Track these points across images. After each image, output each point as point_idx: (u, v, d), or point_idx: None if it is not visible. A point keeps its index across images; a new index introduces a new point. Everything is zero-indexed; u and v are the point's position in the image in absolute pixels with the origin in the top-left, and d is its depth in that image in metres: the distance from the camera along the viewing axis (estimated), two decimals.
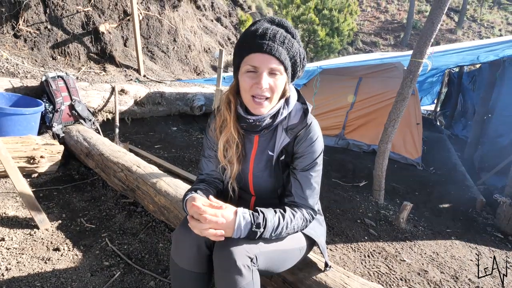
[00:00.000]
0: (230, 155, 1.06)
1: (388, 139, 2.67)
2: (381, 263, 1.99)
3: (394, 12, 18.45)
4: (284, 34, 0.92)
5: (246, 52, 0.92)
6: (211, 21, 7.65)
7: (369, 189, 3.05)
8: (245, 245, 0.89)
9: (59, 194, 2.19)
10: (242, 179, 1.13)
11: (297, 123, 1.04)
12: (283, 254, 1.03)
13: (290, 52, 0.93)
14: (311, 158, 1.04)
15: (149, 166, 2.12)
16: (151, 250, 1.70)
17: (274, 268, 1.02)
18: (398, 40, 15.71)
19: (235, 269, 0.86)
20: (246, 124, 1.02)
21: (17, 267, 1.46)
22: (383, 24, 17.30)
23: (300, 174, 1.05)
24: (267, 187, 1.11)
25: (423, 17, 17.99)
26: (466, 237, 2.59)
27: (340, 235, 2.25)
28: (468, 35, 17.07)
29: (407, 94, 2.49)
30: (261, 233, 0.90)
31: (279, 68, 0.92)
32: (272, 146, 1.07)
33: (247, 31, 0.94)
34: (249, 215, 0.91)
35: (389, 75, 4.03)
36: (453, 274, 2.02)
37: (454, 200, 3.30)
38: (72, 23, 3.95)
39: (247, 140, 1.09)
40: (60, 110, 2.73)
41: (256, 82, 0.92)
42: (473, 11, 19.40)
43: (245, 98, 0.97)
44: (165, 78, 4.69)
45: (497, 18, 19.18)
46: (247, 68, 0.92)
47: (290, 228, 0.98)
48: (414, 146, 4.00)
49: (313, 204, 1.07)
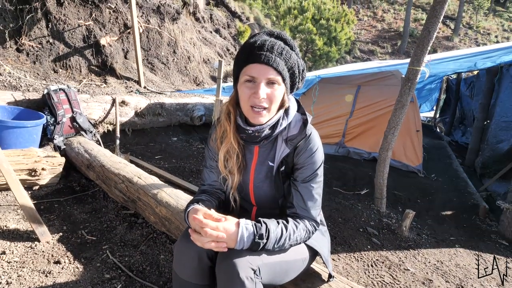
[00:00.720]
0: (231, 166, 1.07)
1: (388, 146, 2.68)
2: (384, 273, 1.97)
3: (390, 21, 18.75)
4: (282, 46, 0.94)
5: (245, 63, 0.94)
6: (210, 33, 7.78)
7: (371, 197, 3.04)
8: (248, 256, 0.89)
9: (60, 206, 2.19)
10: (243, 189, 1.13)
11: (296, 133, 1.04)
12: (286, 266, 1.02)
13: (288, 63, 0.95)
14: (311, 169, 1.04)
15: (150, 177, 2.12)
16: (153, 262, 1.68)
17: (277, 280, 1.01)
18: (396, 48, 15.91)
19: (238, 281, 0.85)
20: (246, 135, 1.03)
21: (17, 281, 1.45)
22: (380, 32, 17.56)
23: (301, 185, 1.05)
24: (268, 197, 1.12)
25: (420, 25, 18.27)
26: (470, 244, 2.56)
27: (342, 244, 2.23)
28: (465, 42, 17.30)
29: (406, 101, 2.51)
30: (264, 244, 0.90)
31: (277, 78, 0.93)
32: (273, 156, 1.07)
33: (246, 43, 0.96)
34: (251, 226, 0.90)
35: (387, 83, 4.07)
36: (458, 283, 1.99)
37: (457, 207, 3.28)
38: (73, 37, 4.02)
39: (247, 150, 1.10)
40: (61, 123, 2.76)
41: (254, 92, 0.93)
42: (468, 18, 19.72)
43: (244, 108, 0.99)
44: (165, 89, 4.74)
45: (492, 25, 19.47)
46: (245, 79, 0.94)
47: (293, 240, 0.98)
48: (414, 153, 4.01)
49: (315, 216, 1.07)
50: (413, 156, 4.01)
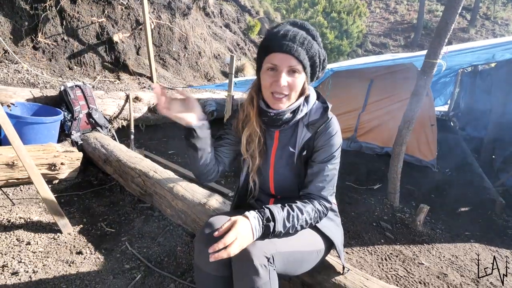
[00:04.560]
0: (253, 149, 1.10)
1: (402, 141, 2.65)
2: (398, 266, 1.97)
3: (403, 13, 18.24)
4: (304, 36, 0.97)
5: (268, 51, 0.98)
6: (220, 28, 7.77)
7: (384, 191, 3.01)
8: (262, 245, 0.91)
9: (79, 200, 2.26)
10: (263, 176, 1.16)
11: (318, 118, 1.08)
12: (301, 256, 1.03)
13: (309, 53, 0.97)
14: (329, 151, 1.07)
15: (166, 171, 2.16)
16: (170, 253, 1.73)
17: (292, 270, 1.03)
18: (409, 40, 15.50)
19: (252, 268, 0.87)
20: (268, 118, 1.07)
21: (43, 269, 1.51)
22: (393, 25, 17.12)
23: (317, 165, 1.08)
24: (288, 184, 1.14)
25: (434, 17, 17.71)
26: (486, 239, 2.52)
27: (356, 238, 2.23)
28: (482, 33, 16.69)
29: (422, 95, 2.46)
30: (273, 226, 0.92)
31: (298, 67, 0.96)
32: (293, 142, 1.10)
33: (270, 32, 1.00)
34: (255, 213, 0.93)
35: (400, 76, 3.99)
36: (473, 278, 1.97)
37: (472, 202, 3.22)
38: (87, 34, 4.09)
39: (268, 136, 1.13)
40: (78, 118, 2.83)
41: (275, 80, 0.97)
42: (486, 9, 18.98)
43: (266, 94, 1.03)
44: (177, 84, 4.79)
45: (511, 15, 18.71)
46: (267, 67, 0.98)
47: (302, 219, 0.99)
48: (428, 147, 3.93)
49: (327, 195, 1.08)
50: (427, 151, 3.94)
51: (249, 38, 8.59)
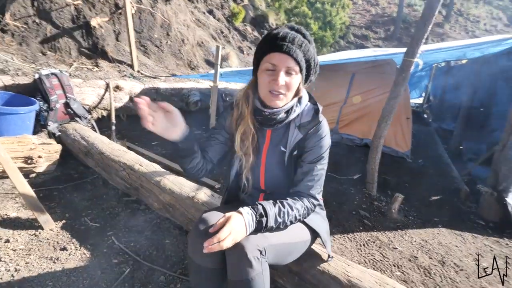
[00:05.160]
0: (247, 146, 1.14)
1: (381, 134, 2.77)
2: (375, 251, 2.11)
3: (384, 6, 18.55)
4: (302, 39, 1.02)
5: (267, 51, 1.02)
6: (203, 14, 7.56)
7: (363, 181, 3.16)
8: (255, 239, 0.97)
9: (59, 194, 2.20)
10: (255, 172, 1.20)
11: (309, 120, 1.13)
12: (289, 247, 1.11)
13: (306, 55, 1.03)
14: (318, 153, 1.13)
15: (152, 165, 2.15)
16: (158, 246, 1.74)
17: (281, 260, 1.11)
18: (388, 33, 15.85)
19: (247, 261, 0.92)
20: (262, 117, 1.11)
21: (26, 267, 1.48)
22: (374, 17, 17.39)
23: (307, 165, 1.14)
24: (278, 181, 1.19)
25: (413, 11, 18.17)
26: (451, 224, 2.74)
27: (337, 226, 2.35)
28: (455, 29, 17.38)
29: (400, 92, 2.58)
30: (266, 222, 0.99)
31: (295, 68, 1.02)
32: (285, 142, 1.15)
33: (269, 34, 1.04)
34: (249, 209, 0.98)
35: (381, 71, 4.12)
36: (440, 259, 2.15)
37: (441, 190, 3.46)
38: (61, 17, 3.85)
39: (260, 134, 1.17)
40: (55, 109, 2.70)
41: (273, 79, 1.02)
42: (460, 5, 19.70)
43: (263, 92, 1.07)
44: (159, 73, 4.65)
45: (482, 13, 19.57)
46: (266, 66, 1.02)
47: (292, 215, 1.06)
48: (404, 139, 4.14)
49: (315, 193, 1.16)
50: (402, 142, 4.14)
51: (233, 25, 8.42)
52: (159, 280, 1.51)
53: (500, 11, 20.29)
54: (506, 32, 17.62)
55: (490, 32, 17.84)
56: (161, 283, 1.49)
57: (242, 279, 0.93)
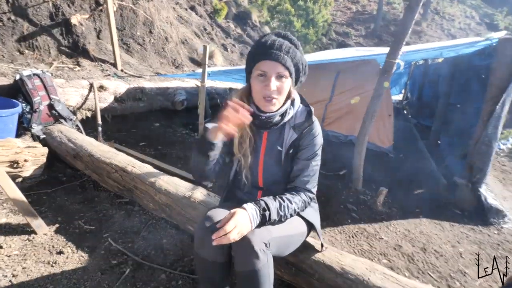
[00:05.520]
0: (245, 148, 1.21)
1: (366, 131, 2.90)
2: (363, 242, 2.24)
3: (365, 3, 18.98)
4: (289, 45, 1.09)
5: (257, 59, 1.08)
6: (185, 10, 7.45)
7: (349, 177, 3.30)
8: (260, 233, 1.04)
9: (49, 198, 2.16)
10: (253, 171, 1.27)
11: (303, 121, 1.21)
12: (289, 239, 1.20)
13: (294, 60, 1.10)
14: (312, 150, 1.22)
15: (144, 166, 2.15)
16: (156, 246, 1.77)
17: (281, 252, 1.19)
18: (369, 31, 16.28)
19: (253, 253, 1.00)
20: (259, 121, 1.18)
21: (24, 272, 1.47)
22: (355, 14, 17.77)
23: (302, 162, 1.22)
24: (275, 177, 1.27)
25: (392, 9, 18.72)
26: (431, 215, 2.93)
27: (326, 220, 2.46)
28: (432, 27, 18.10)
29: (382, 91, 2.72)
30: (269, 215, 1.07)
31: (285, 73, 1.08)
32: (281, 142, 1.23)
33: (258, 42, 1.10)
34: (252, 204, 1.06)
35: (364, 70, 4.27)
36: (422, 247, 2.32)
37: (422, 183, 3.67)
38: (39, 14, 3.70)
39: (257, 136, 1.24)
40: (38, 111, 2.62)
41: (265, 85, 1.08)
42: (436, 3, 20.51)
43: (257, 98, 1.14)
44: (143, 72, 4.58)
45: (457, 11, 20.49)
46: (258, 73, 1.09)
47: (292, 209, 1.15)
48: (386, 135, 4.33)
49: (311, 188, 1.25)
50: (385, 138, 4.33)
51: (216, 22, 8.36)
52: (161, 278, 1.54)
53: (473, 10, 21.32)
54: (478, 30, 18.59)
55: (464, 30, 18.73)
56: (162, 281, 1.52)
57: (249, 270, 1.00)
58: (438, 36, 17.25)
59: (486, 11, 21.46)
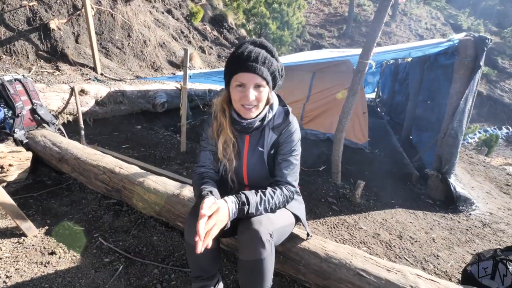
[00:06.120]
0: (229, 153, 1.29)
1: (342, 128, 3.10)
2: (344, 232, 2.41)
3: (336, 5, 19.64)
4: (265, 55, 1.15)
5: (235, 71, 1.14)
6: (162, 14, 7.45)
7: (328, 172, 3.48)
8: (266, 224, 1.13)
9: (36, 202, 2.16)
10: (239, 172, 1.36)
11: (281, 122, 1.31)
12: (283, 230, 1.30)
13: (271, 69, 1.17)
14: (291, 146, 1.31)
15: (132, 167, 2.20)
16: (147, 243, 1.83)
17: (278, 241, 1.28)
18: (341, 32, 16.85)
19: (261, 243, 1.09)
20: (240, 127, 1.26)
21: (17, 273, 1.50)
22: (327, 16, 18.34)
23: (281, 157, 1.31)
24: (260, 176, 1.37)
25: (363, 11, 19.49)
26: (406, 205, 3.17)
27: (309, 213, 2.61)
28: (400, 27, 19.02)
29: (357, 90, 2.92)
30: (247, 210, 1.13)
31: (262, 83, 1.15)
32: (262, 143, 1.32)
33: (235, 54, 1.15)
34: (233, 198, 1.13)
35: (339, 70, 4.51)
36: (398, 234, 2.52)
37: (396, 176, 3.93)
38: (15, 19, 3.63)
39: (240, 140, 1.33)
40: (21, 115, 2.60)
41: (244, 95, 1.15)
42: (404, 5, 21.56)
43: (236, 106, 1.21)
44: (122, 75, 4.56)
45: (423, 13, 21.65)
46: (236, 84, 1.16)
47: (272, 203, 1.21)
48: (361, 132, 4.58)
49: (292, 181, 1.32)
50: (360, 135, 4.58)
51: (192, 25, 8.40)
52: (153, 273, 1.61)
53: (438, 11, 22.56)
54: (444, 31, 19.72)
55: (431, 30, 19.80)
56: (155, 275, 1.60)
57: (255, 259, 1.10)
58: (407, 37, 18.14)
59: (450, 12, 22.82)
